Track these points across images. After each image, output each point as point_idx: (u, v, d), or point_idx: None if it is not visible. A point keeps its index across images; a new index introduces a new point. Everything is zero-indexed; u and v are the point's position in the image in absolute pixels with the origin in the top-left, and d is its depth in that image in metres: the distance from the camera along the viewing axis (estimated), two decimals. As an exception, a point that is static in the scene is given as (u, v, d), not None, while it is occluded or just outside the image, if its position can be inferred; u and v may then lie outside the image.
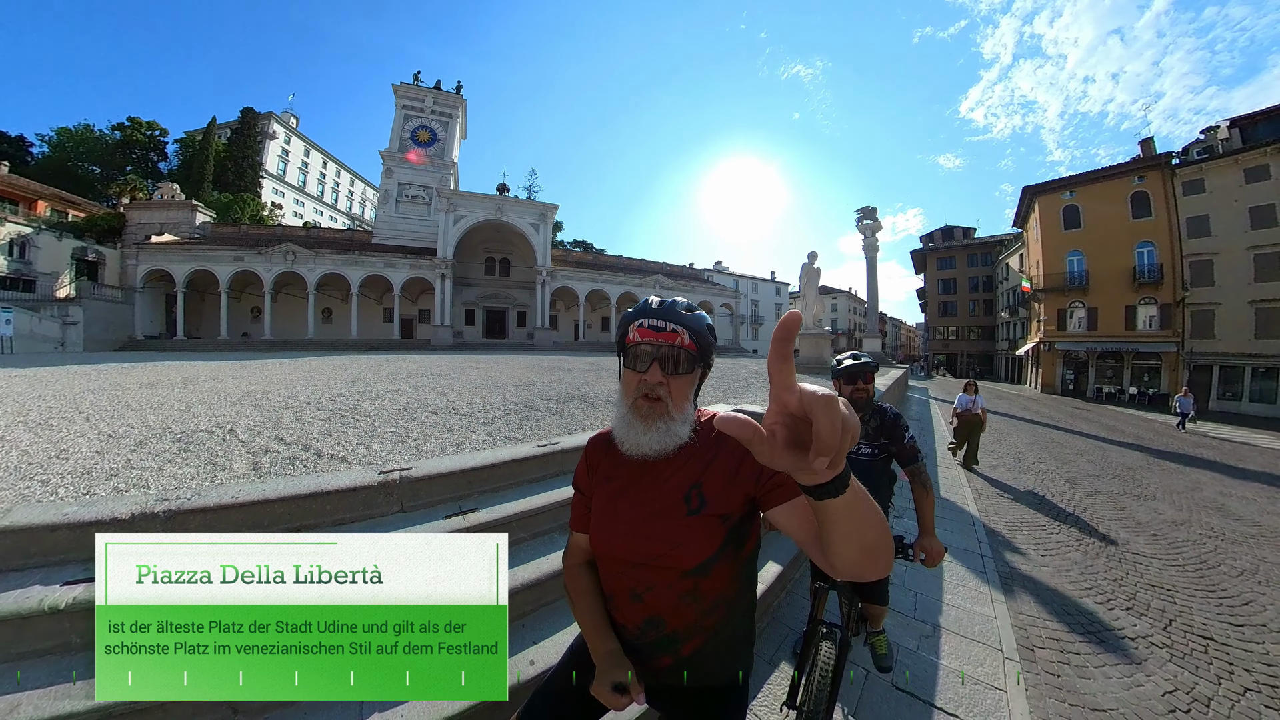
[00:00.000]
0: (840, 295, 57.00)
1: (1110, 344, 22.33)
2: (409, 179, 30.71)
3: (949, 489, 5.03)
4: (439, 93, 32.57)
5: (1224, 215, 19.20)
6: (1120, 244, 21.86)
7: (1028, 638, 2.37)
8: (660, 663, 0.82)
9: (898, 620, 2.41)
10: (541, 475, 2.55)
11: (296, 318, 25.71)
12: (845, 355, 1.88)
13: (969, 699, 1.91)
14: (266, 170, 43.33)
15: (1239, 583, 3.09)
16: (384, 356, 14.31)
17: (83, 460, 2.43)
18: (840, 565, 0.59)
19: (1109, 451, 8.14)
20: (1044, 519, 4.30)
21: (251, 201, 35.69)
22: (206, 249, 24.41)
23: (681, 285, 33.75)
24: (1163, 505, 4.88)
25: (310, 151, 50.56)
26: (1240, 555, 3.58)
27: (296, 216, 46.13)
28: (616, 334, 0.84)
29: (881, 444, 1.81)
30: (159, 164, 39.00)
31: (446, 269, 26.16)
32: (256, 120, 42.19)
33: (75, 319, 20.14)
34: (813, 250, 14.88)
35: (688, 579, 0.77)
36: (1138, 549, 3.62)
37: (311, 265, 24.93)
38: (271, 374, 7.61)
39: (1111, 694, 1.97)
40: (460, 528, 1.99)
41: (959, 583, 2.90)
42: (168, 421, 3.49)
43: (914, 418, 9.77)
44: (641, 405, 0.77)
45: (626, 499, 0.82)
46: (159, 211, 27.17)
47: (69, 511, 1.53)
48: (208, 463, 2.48)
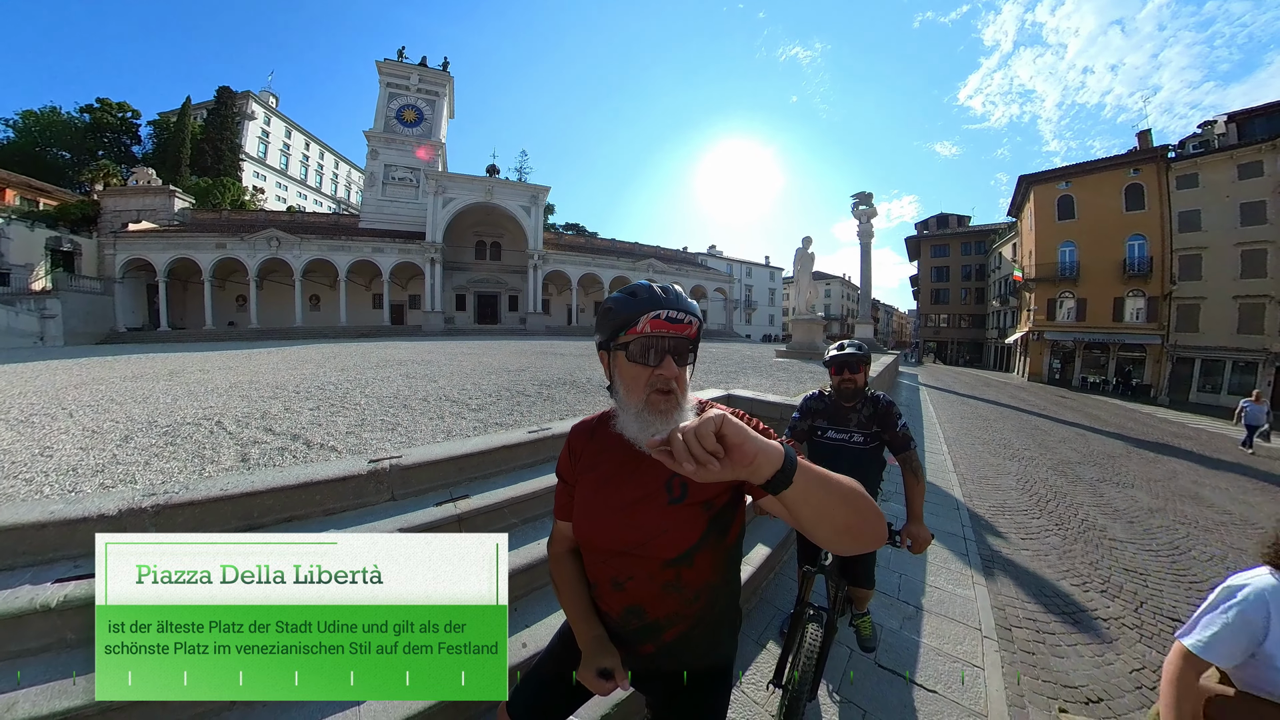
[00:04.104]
0: (834, 281, 57.14)
1: (1098, 335, 22.71)
2: (395, 160, 29.86)
3: (935, 473, 5.14)
4: (425, 69, 31.45)
5: (1215, 210, 19.37)
6: (1112, 236, 22.04)
7: (1005, 618, 2.45)
8: (643, 649, 0.84)
9: (882, 601, 2.48)
10: (533, 461, 2.56)
11: (283, 305, 25.17)
12: (833, 346, 1.89)
13: (947, 676, 1.98)
14: (246, 153, 41.84)
15: (1208, 567, 3.22)
16: (374, 343, 14.14)
17: (67, 457, 2.40)
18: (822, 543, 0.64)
19: (1091, 439, 8.35)
20: (1026, 504, 4.42)
21: (232, 186, 34.50)
22: (187, 236, 23.68)
23: (675, 269, 33.55)
24: (1140, 493, 5.02)
25: (292, 132, 48.86)
26: (1211, 541, 3.72)
27: (280, 201, 44.81)
28: (610, 322, 0.76)
29: (874, 431, 1.82)
30: (132, 148, 37.45)
31: (436, 253, 25.69)
32: (234, 100, 40.49)
33: (53, 312, 19.52)
34: (807, 236, 14.85)
35: (669, 569, 0.77)
36: (1114, 534, 3.73)
37: (297, 251, 24.33)
38: (259, 363, 7.50)
39: (1083, 671, 2.06)
40: (452, 514, 1.99)
41: (942, 564, 2.99)
42: (154, 415, 3.43)
43: (904, 403, 9.91)
44: (658, 401, 0.74)
45: (609, 487, 0.82)
46: (135, 198, 26.21)
47: (56, 509, 1.51)
48: (195, 455, 2.46)
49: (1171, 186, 20.64)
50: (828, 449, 1.88)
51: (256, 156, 43.75)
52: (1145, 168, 21.43)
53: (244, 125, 41.85)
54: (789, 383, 6.47)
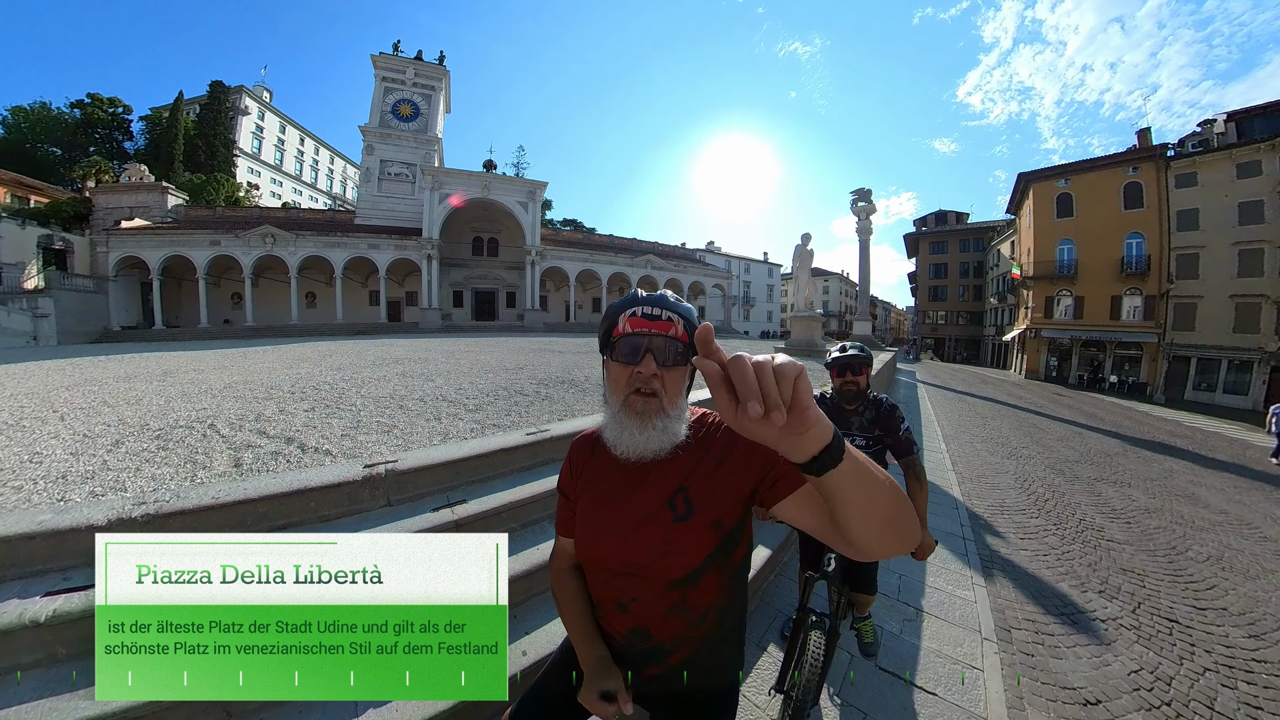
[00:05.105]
0: (833, 278, 57.17)
1: (1094, 333, 22.81)
2: (391, 156, 29.62)
3: (934, 472, 5.15)
4: (420, 64, 31.14)
5: (1213, 209, 19.40)
6: (1111, 234, 22.08)
7: (1005, 619, 2.46)
8: (648, 671, 0.82)
9: (882, 603, 2.48)
10: (531, 464, 2.53)
11: (279, 303, 24.99)
12: (835, 348, 1.87)
13: (947, 678, 1.98)
14: (240, 148, 41.35)
15: (1204, 568, 3.23)
16: (371, 341, 14.06)
17: (57, 463, 2.36)
18: (864, 544, 0.52)
19: (1088, 438, 8.40)
20: (1024, 503, 4.44)
21: (226, 182, 34.12)
22: (181, 233, 23.43)
23: (673, 265, 33.44)
24: (1137, 492, 5.05)
25: (286, 128, 48.34)
26: (1207, 541, 3.73)
27: (275, 197, 44.40)
28: (601, 328, 0.78)
29: (876, 435, 1.81)
30: (124, 144, 36.95)
31: (433, 249, 25.53)
32: (227, 95, 39.98)
33: (46, 311, 19.33)
34: (806, 232, 14.82)
35: (674, 590, 0.75)
36: (1112, 535, 3.75)
37: (292, 248, 24.13)
38: (254, 363, 7.44)
39: (1081, 673, 2.07)
40: (449, 520, 1.97)
41: (942, 565, 2.99)
42: (146, 417, 3.39)
43: (901, 400, 9.94)
44: (635, 402, 0.71)
45: (610, 505, 0.79)
46: (128, 195, 25.85)
47: (44, 519, 1.48)
48: (187, 461, 2.43)
49: (1170, 185, 20.66)
50: None
51: (250, 152, 43.30)
52: (1144, 166, 21.44)
53: (238, 120, 41.34)
54: (788, 381, 6.44)
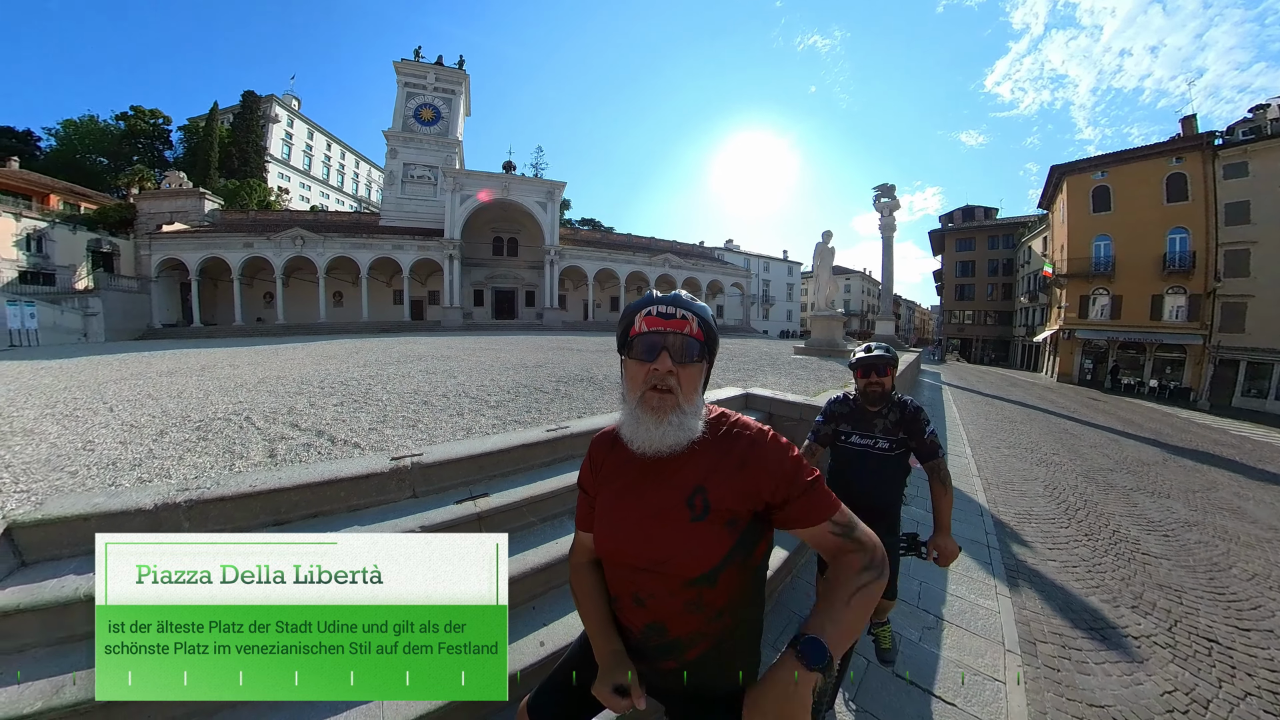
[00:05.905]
0: (854, 276, 55.91)
1: (1133, 334, 21.58)
2: (414, 159, 30.39)
3: (959, 478, 5.00)
4: (441, 68, 31.82)
5: (1267, 201, 18.03)
6: (1151, 229, 20.83)
7: (1030, 632, 2.38)
8: (664, 665, 0.83)
9: (902, 609, 2.44)
10: (551, 460, 2.57)
11: (308, 302, 25.99)
12: (860, 348, 1.85)
13: (968, 690, 1.94)
14: (271, 155, 43.20)
15: (1249, 586, 3.05)
16: (395, 339, 14.47)
17: (108, 451, 2.50)
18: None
19: (1125, 445, 7.99)
20: (1054, 511, 4.27)
21: (258, 187, 35.72)
22: (217, 236, 24.67)
23: (691, 264, 33.28)
24: (1177, 504, 4.79)
25: (314, 134, 50.18)
26: (1253, 558, 3.52)
27: (303, 200, 46.16)
28: (619, 328, 0.81)
29: (900, 438, 1.78)
30: (164, 152, 39.18)
31: (454, 249, 26.13)
32: (258, 104, 41.83)
33: (95, 310, 20.67)
34: (827, 230, 14.53)
35: (691, 588, 0.76)
36: (1148, 548, 3.57)
37: (320, 249, 25.08)
38: (285, 359, 7.75)
39: (1110, 691, 1.99)
40: (472, 513, 2.02)
41: (964, 573, 2.91)
42: (187, 410, 3.58)
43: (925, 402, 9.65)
44: (651, 398, 0.74)
45: (629, 501, 0.81)
46: (168, 201, 27.43)
47: (98, 502, 1.59)
48: (226, 450, 2.55)
49: (1218, 176, 19.34)
50: (851, 454, 1.85)
51: (280, 158, 45.11)
52: (1189, 156, 20.11)
53: (268, 128, 43.15)
54: (808, 381, 6.35)
